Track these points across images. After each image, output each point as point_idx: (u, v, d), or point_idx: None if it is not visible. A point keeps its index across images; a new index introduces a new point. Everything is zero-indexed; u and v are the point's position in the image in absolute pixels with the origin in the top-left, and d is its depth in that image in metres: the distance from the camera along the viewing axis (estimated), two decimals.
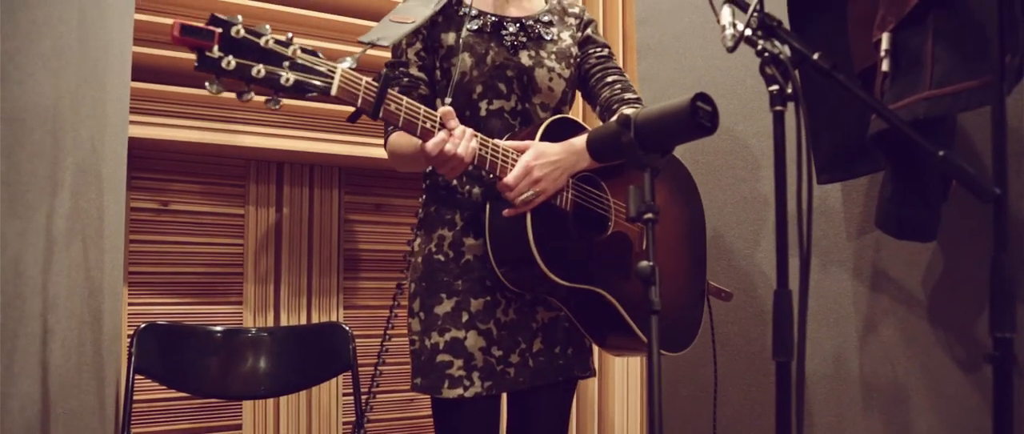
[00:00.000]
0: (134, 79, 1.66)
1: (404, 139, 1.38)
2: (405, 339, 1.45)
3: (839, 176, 1.60)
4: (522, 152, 1.30)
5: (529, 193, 1.28)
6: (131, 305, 1.88)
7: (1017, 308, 0.98)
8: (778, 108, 0.96)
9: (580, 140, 1.33)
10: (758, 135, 1.94)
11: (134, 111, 1.70)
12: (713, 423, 1.82)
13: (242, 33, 1.02)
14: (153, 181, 1.92)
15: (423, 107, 1.21)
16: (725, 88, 1.99)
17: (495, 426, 1.44)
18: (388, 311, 1.39)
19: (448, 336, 1.37)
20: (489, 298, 1.39)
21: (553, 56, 1.48)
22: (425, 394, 1.39)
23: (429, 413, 1.46)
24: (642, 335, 1.38)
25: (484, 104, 1.43)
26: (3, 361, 1.00)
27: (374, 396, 1.39)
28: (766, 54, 0.99)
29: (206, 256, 1.97)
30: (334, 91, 1.10)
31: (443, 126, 1.22)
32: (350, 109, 1.16)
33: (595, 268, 1.36)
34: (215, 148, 1.89)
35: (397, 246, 2.21)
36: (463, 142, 1.22)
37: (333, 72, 1.10)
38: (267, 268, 2.03)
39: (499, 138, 1.35)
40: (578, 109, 2.40)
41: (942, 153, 1.01)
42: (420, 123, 1.20)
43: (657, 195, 1.02)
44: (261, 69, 1.03)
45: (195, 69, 1.00)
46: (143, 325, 1.66)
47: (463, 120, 1.35)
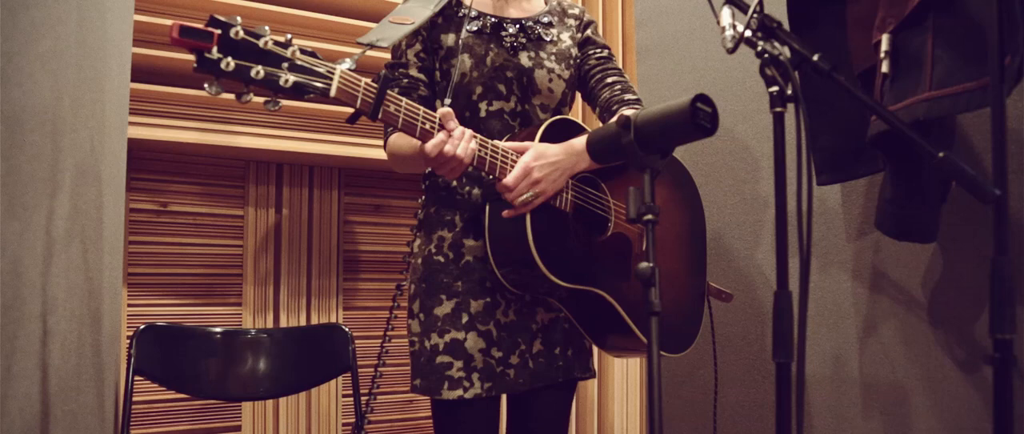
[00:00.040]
0: (133, 80, 1.66)
1: (403, 140, 1.38)
2: (405, 340, 1.45)
3: (839, 177, 1.60)
4: (521, 153, 1.30)
5: (529, 194, 1.28)
6: (130, 306, 1.88)
7: (1017, 309, 0.98)
8: (778, 109, 0.96)
9: (580, 141, 1.32)
10: (758, 136, 1.94)
11: (133, 112, 1.70)
12: (713, 424, 1.82)
13: (241, 34, 1.02)
14: (152, 182, 1.92)
15: (422, 108, 1.20)
16: (725, 89, 2.00)
17: (495, 427, 1.44)
18: (388, 312, 1.39)
19: (448, 337, 1.37)
20: (489, 299, 1.39)
21: (553, 57, 1.48)
22: (425, 395, 1.39)
23: (429, 414, 1.46)
24: (642, 336, 1.38)
25: (484, 105, 1.42)
26: (2, 362, 1.00)
27: (375, 397, 1.38)
28: (766, 55, 0.99)
29: (205, 257, 1.97)
30: (333, 92, 1.10)
31: (442, 127, 1.22)
32: (349, 110, 1.16)
33: (595, 269, 1.36)
34: (214, 149, 1.89)
35: (397, 247, 2.21)
36: (462, 143, 1.22)
37: (332, 73, 1.10)
38: (266, 269, 2.03)
39: (499, 139, 1.35)
40: (578, 110, 2.40)
41: (942, 154, 1.01)
42: (419, 124, 1.19)
43: (657, 196, 1.02)
44: (260, 70, 1.03)
45: (194, 70, 1.00)
46: (142, 326, 1.66)
47: (463, 121, 1.35)
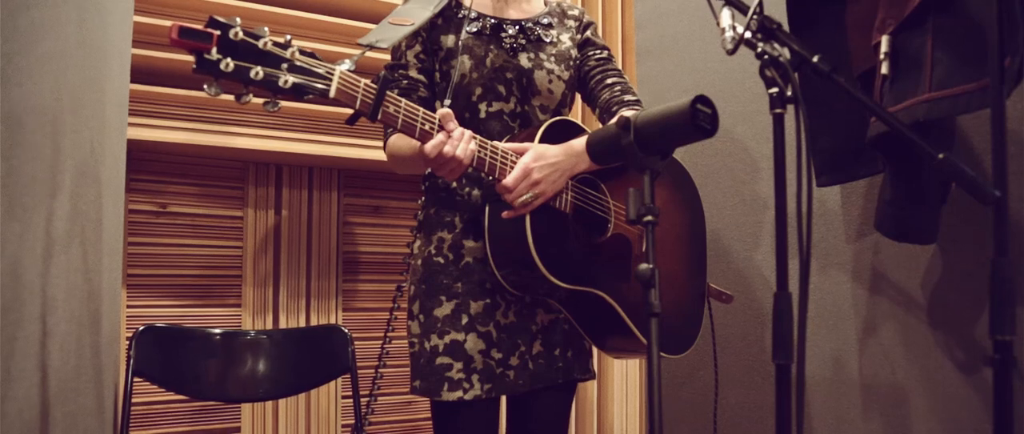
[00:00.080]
0: (133, 81, 1.66)
1: (403, 141, 1.38)
2: (404, 342, 1.45)
3: (838, 178, 1.60)
4: (521, 154, 1.30)
5: (528, 195, 1.28)
6: (130, 307, 1.88)
7: (1017, 310, 0.98)
8: (778, 111, 0.96)
9: (579, 142, 1.32)
10: (757, 137, 1.94)
11: (133, 113, 1.70)
12: (713, 426, 1.82)
13: (240, 35, 1.02)
14: (152, 183, 1.92)
15: (422, 109, 1.20)
16: (724, 90, 2.00)
17: (494, 429, 1.44)
18: (388, 313, 1.38)
19: (447, 338, 1.37)
20: (489, 300, 1.39)
21: (552, 58, 1.48)
22: (424, 397, 1.39)
23: (428, 416, 1.46)
24: (642, 337, 1.38)
25: (483, 106, 1.42)
26: (2, 364, 1.00)
27: (375, 399, 1.38)
28: (766, 57, 0.99)
29: (205, 258, 1.97)
30: (332, 93, 1.10)
31: (442, 128, 1.22)
32: (349, 111, 1.16)
33: (595, 270, 1.36)
34: (214, 150, 1.89)
35: (396, 248, 2.20)
36: (462, 144, 1.22)
37: (331, 74, 1.10)
38: (266, 270, 2.03)
39: (498, 140, 1.34)
40: (577, 111, 2.40)
41: (942, 156, 1.01)
42: (419, 125, 1.19)
43: (657, 197, 1.02)
44: (259, 71, 1.03)
45: (193, 71, 1.00)
46: (142, 328, 1.66)
47: (462, 122, 1.35)
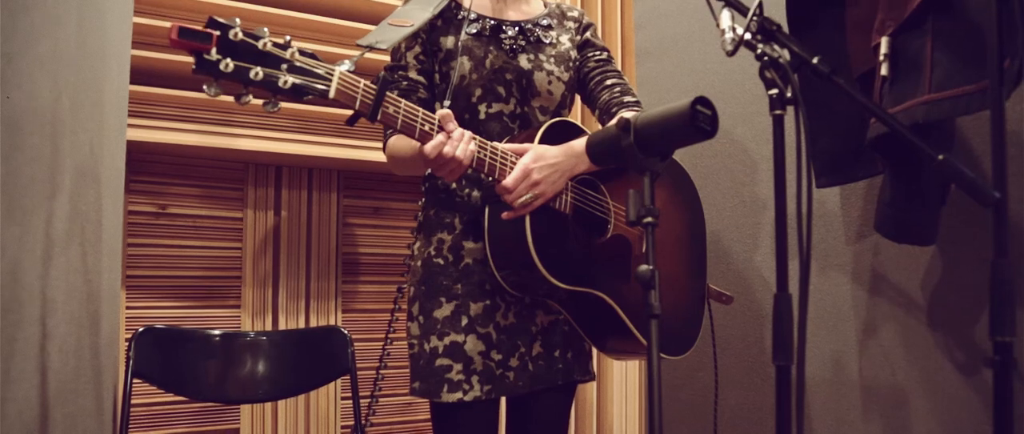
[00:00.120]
0: (132, 82, 1.66)
1: (403, 142, 1.38)
2: (403, 343, 1.44)
3: (837, 180, 1.60)
4: (521, 155, 1.30)
5: (528, 196, 1.28)
6: (129, 309, 1.87)
7: (1017, 312, 0.98)
8: (778, 112, 0.96)
9: (579, 143, 1.32)
10: (756, 138, 1.94)
11: (132, 114, 1.70)
12: (713, 427, 1.82)
13: (240, 36, 1.02)
14: (151, 184, 1.92)
15: (421, 110, 1.20)
16: (723, 91, 2.00)
17: (494, 430, 1.44)
18: (389, 315, 1.38)
19: (447, 340, 1.36)
20: (488, 302, 1.39)
21: (552, 59, 1.48)
22: (424, 398, 1.39)
23: (428, 417, 1.46)
24: (642, 338, 1.38)
25: (483, 107, 1.42)
26: (1, 365, 1.00)
27: (376, 400, 1.38)
28: (766, 58, 0.99)
29: (204, 260, 1.97)
30: (332, 94, 1.10)
31: (442, 129, 1.21)
32: (348, 112, 1.16)
33: (595, 271, 1.36)
34: (213, 151, 1.89)
35: (396, 250, 2.20)
36: (462, 145, 1.22)
37: (331, 75, 1.10)
38: (265, 272, 2.03)
39: (498, 141, 1.34)
40: (577, 112, 2.40)
41: (942, 157, 1.01)
42: (418, 125, 1.19)
43: (657, 198, 1.02)
44: (259, 72, 1.03)
45: (193, 72, 1.00)
46: (141, 329, 1.66)
47: (462, 123, 1.35)
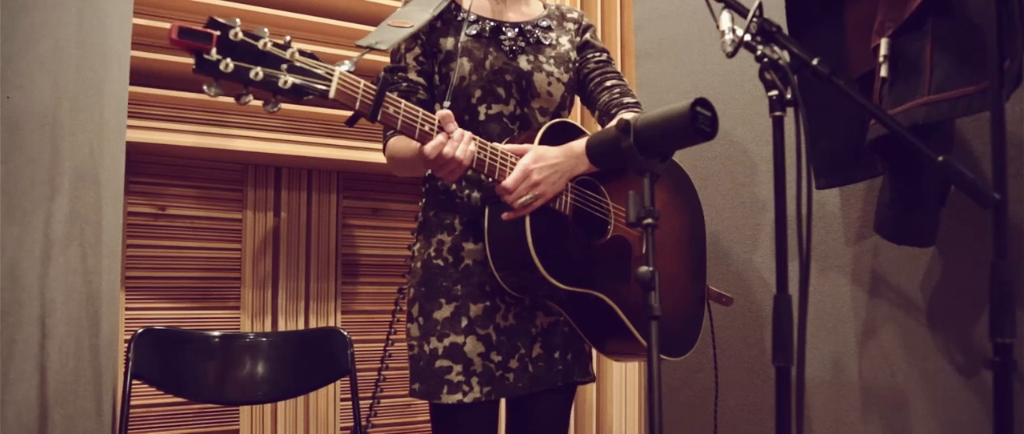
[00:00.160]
0: (132, 83, 1.65)
1: (403, 143, 1.38)
2: (404, 344, 1.44)
3: (837, 181, 1.60)
4: (521, 155, 1.30)
5: (528, 196, 1.28)
6: (128, 310, 1.87)
7: (1017, 313, 0.98)
8: (777, 113, 0.96)
9: (579, 144, 1.32)
10: (756, 140, 1.94)
11: (132, 115, 1.69)
12: (713, 428, 1.82)
13: (240, 36, 1.02)
14: (151, 185, 1.92)
15: (421, 110, 1.20)
16: (723, 92, 2.00)
17: (494, 432, 1.44)
18: (390, 316, 1.38)
19: (447, 341, 1.36)
20: (488, 303, 1.39)
21: (552, 61, 1.48)
22: (423, 399, 1.39)
23: (427, 418, 1.46)
24: (642, 339, 1.38)
25: (483, 108, 1.42)
26: (1, 366, 0.99)
27: (378, 401, 1.38)
28: (765, 59, 0.99)
29: (203, 261, 1.97)
30: (332, 94, 1.10)
31: (442, 129, 1.21)
32: (348, 113, 1.16)
33: (595, 272, 1.36)
34: (213, 152, 1.89)
35: (395, 251, 2.20)
36: (462, 145, 1.22)
37: (331, 75, 1.10)
38: (265, 273, 2.03)
39: (498, 142, 1.34)
40: (576, 113, 2.40)
41: (942, 158, 1.01)
42: (418, 126, 1.19)
43: (656, 200, 1.02)
44: (259, 72, 1.03)
45: (193, 71, 1.00)
46: (140, 330, 1.66)
47: (462, 124, 1.35)
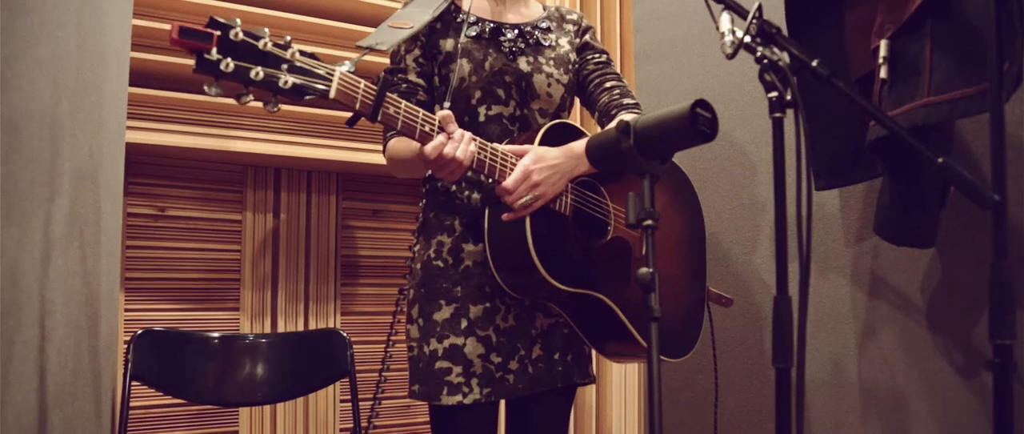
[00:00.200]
0: (132, 84, 1.65)
1: (403, 144, 1.38)
2: (403, 345, 1.44)
3: (836, 183, 1.60)
4: (521, 156, 1.30)
5: (528, 197, 1.28)
6: (128, 311, 1.87)
7: (1016, 314, 0.98)
8: (777, 115, 0.96)
9: (579, 144, 1.32)
10: (755, 141, 1.94)
11: (131, 116, 1.69)
12: (713, 430, 1.82)
13: (240, 36, 1.02)
14: (150, 187, 1.91)
15: (422, 111, 1.20)
16: (723, 94, 2.00)
17: (493, 433, 1.44)
18: (391, 317, 1.38)
19: (447, 343, 1.36)
20: (488, 304, 1.39)
21: (551, 62, 1.48)
22: (423, 401, 1.39)
23: (427, 420, 1.45)
24: (642, 341, 1.38)
25: (483, 110, 1.42)
26: (0, 368, 0.99)
27: (379, 402, 1.38)
28: (765, 61, 0.99)
29: (203, 262, 1.97)
30: (333, 94, 1.10)
31: (442, 129, 1.21)
32: (348, 114, 1.16)
33: (595, 273, 1.36)
34: (212, 154, 1.89)
35: (395, 252, 2.20)
36: (462, 145, 1.22)
37: (332, 75, 1.10)
38: (264, 274, 2.03)
39: (497, 143, 1.34)
40: (576, 115, 2.40)
41: (941, 160, 1.01)
42: (419, 126, 1.19)
43: (656, 201, 1.02)
44: (260, 71, 1.03)
45: (194, 71, 1.00)
46: (140, 331, 1.65)
47: (462, 125, 1.35)
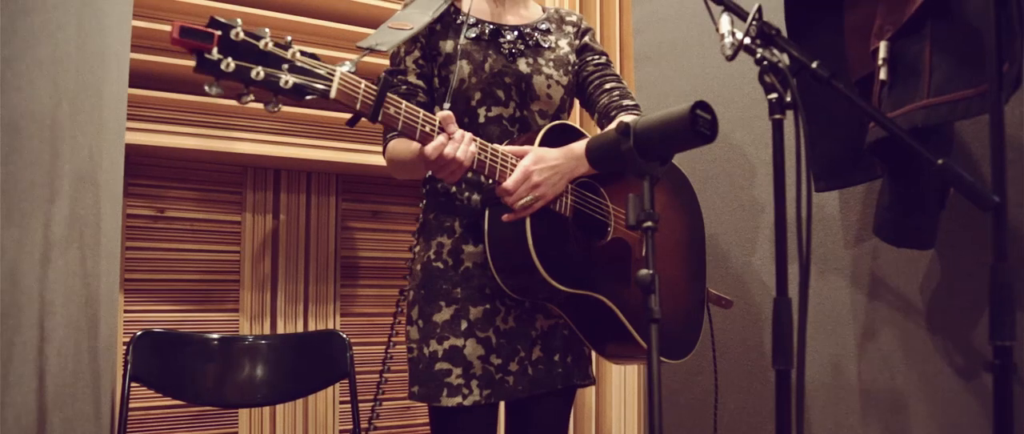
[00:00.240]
0: (131, 86, 1.65)
1: (403, 145, 1.38)
2: (403, 347, 1.44)
3: (836, 184, 1.60)
4: (521, 157, 1.30)
5: (528, 198, 1.28)
6: (127, 312, 1.87)
7: (1016, 316, 0.98)
8: (777, 116, 0.96)
9: (579, 145, 1.32)
10: (755, 142, 1.94)
11: (131, 118, 1.69)
12: (713, 431, 1.82)
13: (241, 36, 1.02)
14: (150, 188, 1.91)
15: (422, 111, 1.20)
16: (722, 95, 2.00)
17: None
18: (392, 318, 1.38)
19: (447, 344, 1.36)
20: (488, 306, 1.39)
21: (551, 63, 1.48)
22: (423, 402, 1.38)
23: (426, 422, 1.45)
24: (642, 342, 1.38)
25: (482, 111, 1.42)
26: (0, 369, 0.99)
27: (380, 404, 1.38)
28: (765, 62, 0.99)
29: (202, 263, 1.97)
30: (333, 94, 1.10)
31: (443, 130, 1.21)
32: (347, 116, 1.16)
33: (595, 274, 1.36)
34: (212, 155, 1.89)
35: (394, 253, 2.20)
36: (462, 146, 1.22)
37: (332, 75, 1.10)
38: (264, 275, 2.03)
39: (497, 145, 1.34)
40: (576, 116, 2.40)
41: (941, 161, 1.01)
42: (419, 127, 1.19)
43: (656, 202, 1.02)
44: (260, 71, 1.03)
45: (194, 71, 0.99)
46: (139, 332, 1.65)
47: (461, 127, 1.34)
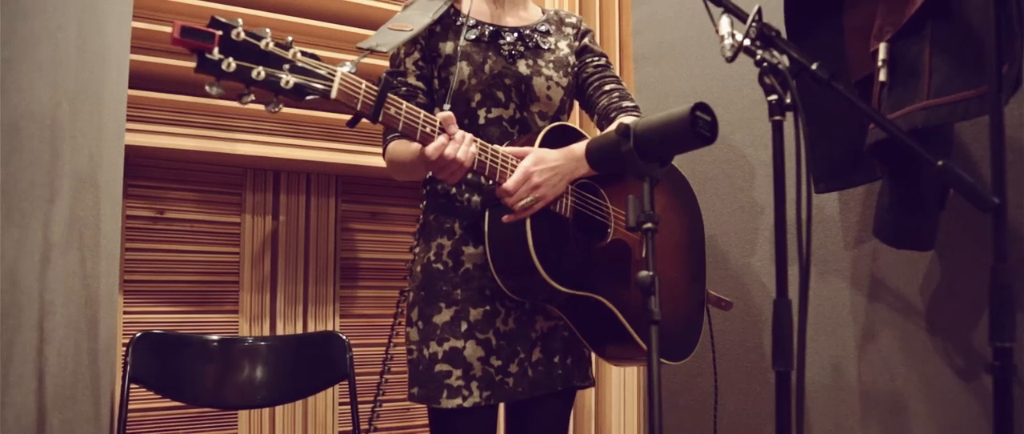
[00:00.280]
0: (131, 87, 1.65)
1: (403, 146, 1.38)
2: (402, 348, 1.44)
3: (836, 185, 1.60)
4: (521, 158, 1.30)
5: (528, 199, 1.28)
6: (127, 313, 1.87)
7: (1016, 317, 0.98)
8: (777, 117, 0.96)
9: (579, 146, 1.32)
10: (754, 144, 1.94)
11: (131, 119, 1.69)
12: (713, 433, 1.82)
13: (242, 36, 1.02)
14: (149, 189, 1.91)
15: (423, 112, 1.20)
16: (722, 96, 2.00)
17: None
18: (392, 319, 1.38)
19: (447, 346, 1.36)
20: (488, 307, 1.39)
21: (551, 65, 1.48)
22: (422, 404, 1.38)
23: (426, 423, 1.45)
24: (642, 344, 1.38)
25: (482, 112, 1.43)
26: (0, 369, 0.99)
27: (380, 405, 1.38)
28: (765, 64, 0.99)
29: (202, 264, 1.97)
30: (334, 94, 1.10)
31: (443, 131, 1.21)
32: (347, 117, 1.16)
33: (595, 275, 1.36)
34: (211, 156, 1.89)
35: (394, 255, 2.20)
36: (463, 146, 1.22)
37: (333, 75, 1.10)
38: (263, 277, 2.03)
39: (498, 146, 1.34)
40: (575, 117, 2.40)
41: (941, 162, 1.01)
42: (420, 127, 1.19)
43: (656, 204, 1.02)
44: (261, 71, 1.03)
45: (195, 71, 0.99)
46: (139, 334, 1.65)
47: (462, 128, 1.34)
